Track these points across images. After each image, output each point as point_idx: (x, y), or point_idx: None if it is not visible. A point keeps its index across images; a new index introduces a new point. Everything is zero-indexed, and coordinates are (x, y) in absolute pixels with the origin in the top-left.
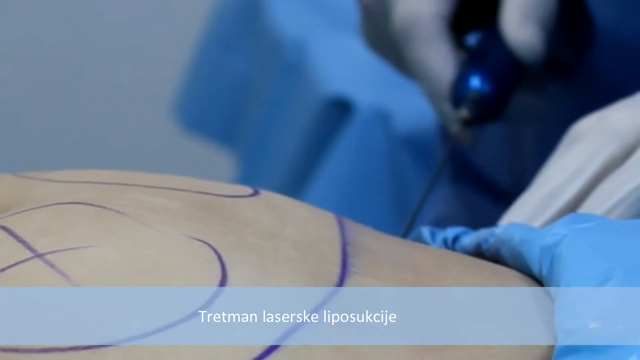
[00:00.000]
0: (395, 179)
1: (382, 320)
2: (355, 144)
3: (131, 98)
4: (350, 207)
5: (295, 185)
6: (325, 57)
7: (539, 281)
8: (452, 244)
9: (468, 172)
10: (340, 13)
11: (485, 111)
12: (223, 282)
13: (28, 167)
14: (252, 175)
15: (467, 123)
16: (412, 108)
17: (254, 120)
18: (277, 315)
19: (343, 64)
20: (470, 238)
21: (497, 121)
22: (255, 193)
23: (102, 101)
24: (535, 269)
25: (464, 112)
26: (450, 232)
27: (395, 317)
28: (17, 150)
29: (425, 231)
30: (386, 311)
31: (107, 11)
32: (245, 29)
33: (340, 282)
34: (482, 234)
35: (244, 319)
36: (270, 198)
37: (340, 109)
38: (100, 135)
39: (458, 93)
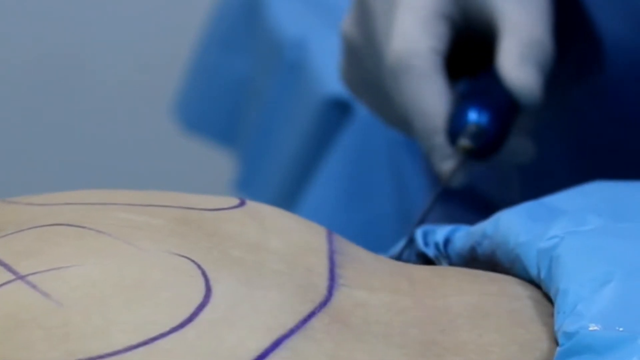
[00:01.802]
0: (395, 179)
1: (378, 327)
2: (355, 144)
3: (131, 98)
4: (350, 207)
5: (295, 185)
6: (325, 57)
7: (536, 284)
8: (444, 248)
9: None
10: (340, 13)
11: (485, 145)
12: (207, 296)
13: (28, 167)
14: (252, 175)
15: (467, 154)
16: None
17: (254, 120)
18: (265, 325)
19: None
20: (463, 241)
21: (494, 157)
22: (241, 204)
23: (102, 101)
24: (532, 272)
25: (464, 141)
26: (440, 233)
27: (390, 323)
28: (17, 151)
29: (419, 234)
30: (381, 317)
31: (107, 11)
32: (245, 29)
33: (329, 295)
34: (474, 235)
35: (230, 331)
36: (256, 209)
37: (340, 109)
38: (100, 136)
39: (455, 126)
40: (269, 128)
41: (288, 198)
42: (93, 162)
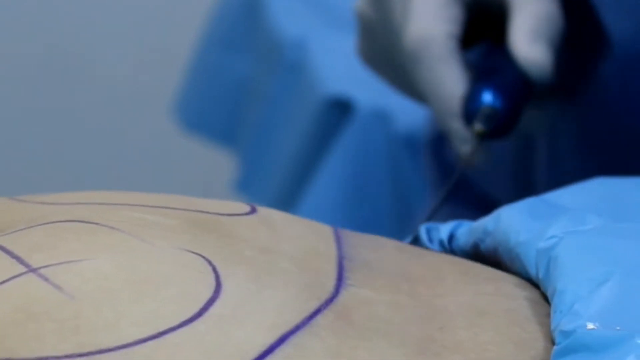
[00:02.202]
0: (395, 178)
1: (379, 324)
2: (355, 144)
3: (131, 97)
4: (350, 207)
5: (295, 185)
6: (325, 57)
7: (535, 284)
8: (448, 244)
9: (464, 187)
10: (340, 13)
11: (499, 126)
12: (217, 292)
13: (27, 167)
14: (252, 175)
15: (481, 137)
16: (412, 108)
17: (254, 120)
18: (272, 321)
19: (343, 64)
20: (466, 237)
21: (508, 136)
22: (253, 211)
23: (103, 101)
24: (531, 271)
25: (478, 126)
26: (444, 230)
27: (390, 321)
28: (17, 149)
29: (423, 231)
30: (382, 314)
31: (108, 11)
32: (245, 29)
33: (336, 293)
34: (476, 232)
35: (238, 327)
36: (268, 215)
37: (340, 109)
38: (100, 135)
39: (470, 108)
40: (269, 128)
41: (288, 198)
42: (93, 162)
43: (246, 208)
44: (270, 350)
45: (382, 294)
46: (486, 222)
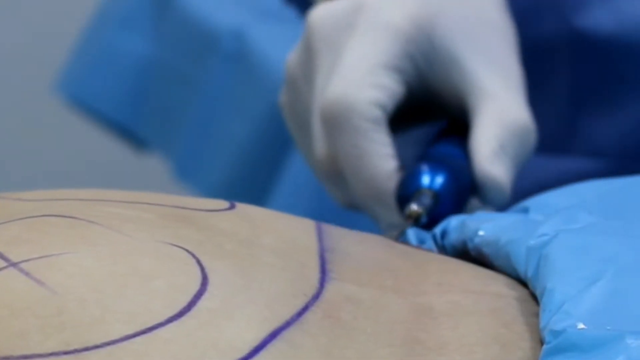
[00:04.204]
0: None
1: (367, 323)
2: None
3: None
4: (325, 200)
5: (257, 177)
6: (269, 47)
7: (523, 282)
8: (441, 240)
9: None
10: (269, 7)
11: (436, 214)
12: (204, 284)
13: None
14: (194, 165)
15: (414, 220)
16: None
17: (191, 115)
18: (263, 315)
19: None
20: (456, 234)
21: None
22: (232, 207)
23: None
24: (520, 269)
25: (414, 207)
26: (438, 225)
27: (377, 320)
28: (12, 154)
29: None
30: (369, 312)
31: None
32: (167, 21)
33: (321, 288)
34: (466, 230)
35: (228, 321)
36: (247, 210)
37: None
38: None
39: (405, 190)
40: (211, 118)
41: (249, 191)
42: (91, 162)
43: (224, 204)
44: (261, 345)
45: (367, 288)
46: (477, 222)
